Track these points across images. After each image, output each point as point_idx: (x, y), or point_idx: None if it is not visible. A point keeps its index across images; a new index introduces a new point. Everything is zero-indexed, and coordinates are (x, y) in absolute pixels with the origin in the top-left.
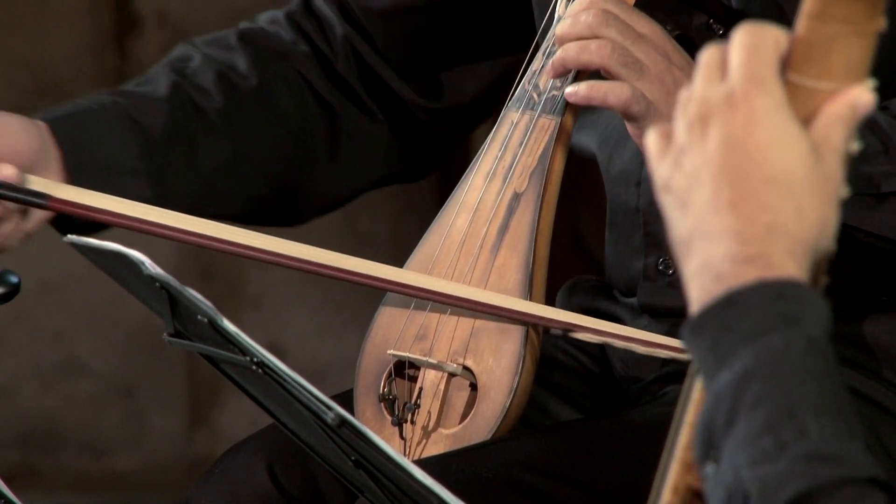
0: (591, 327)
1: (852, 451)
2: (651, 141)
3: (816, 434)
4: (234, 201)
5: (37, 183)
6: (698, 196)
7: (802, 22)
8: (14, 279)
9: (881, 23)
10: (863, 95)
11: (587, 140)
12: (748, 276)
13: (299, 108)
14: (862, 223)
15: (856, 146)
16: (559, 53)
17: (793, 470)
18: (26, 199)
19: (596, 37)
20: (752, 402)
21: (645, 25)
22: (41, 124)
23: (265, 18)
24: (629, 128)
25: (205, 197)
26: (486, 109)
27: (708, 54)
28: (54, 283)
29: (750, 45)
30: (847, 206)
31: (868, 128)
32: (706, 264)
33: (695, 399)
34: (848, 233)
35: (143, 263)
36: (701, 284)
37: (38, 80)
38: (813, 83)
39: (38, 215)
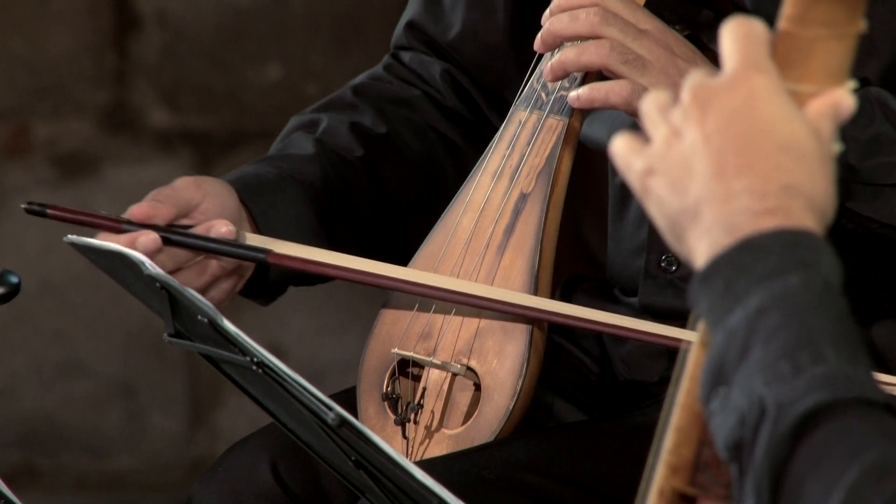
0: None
1: (869, 379)
2: (619, 141)
3: (834, 360)
4: (386, 246)
5: (256, 239)
6: (700, 165)
7: (782, 25)
8: (14, 279)
9: (861, 25)
10: (845, 98)
11: (599, 132)
12: (766, 225)
13: (426, 149)
14: (875, 212)
15: (836, 147)
16: (558, 56)
17: (812, 386)
18: (247, 255)
19: (596, 36)
20: (768, 334)
21: (646, 20)
22: (230, 186)
23: (365, 76)
24: (640, 124)
25: (367, 244)
26: None
27: (694, 72)
28: (54, 283)
29: (741, 34)
30: (861, 196)
31: (884, 115)
32: (717, 223)
33: (680, 403)
34: (861, 223)
35: (143, 263)
36: (711, 240)
37: (38, 80)
38: (793, 86)
39: (246, 276)
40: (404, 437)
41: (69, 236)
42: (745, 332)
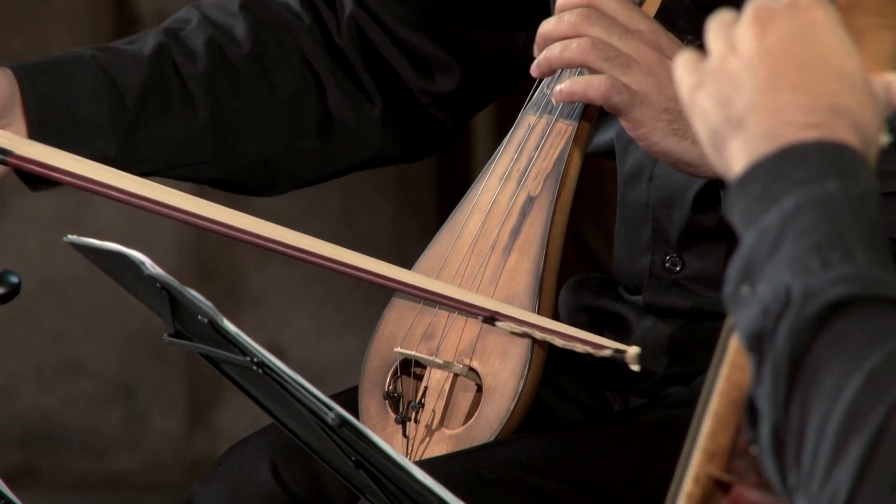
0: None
1: None
2: (681, 58)
3: (864, 260)
4: (207, 167)
5: (2, 137)
6: (751, 80)
7: None
8: (14, 279)
9: None
10: None
11: (608, 135)
12: (808, 136)
13: (294, 81)
14: None
15: (885, 139)
16: (543, 53)
17: (839, 279)
18: None
19: (579, 35)
20: (800, 231)
21: (640, 21)
22: (8, 70)
23: None
24: (622, 122)
25: (173, 160)
26: (485, 99)
27: None
28: (54, 283)
29: None
30: None
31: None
32: (761, 133)
33: (718, 389)
34: None
35: (143, 263)
36: (752, 148)
37: None
38: None
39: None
40: (405, 435)
41: (69, 236)
42: (778, 230)
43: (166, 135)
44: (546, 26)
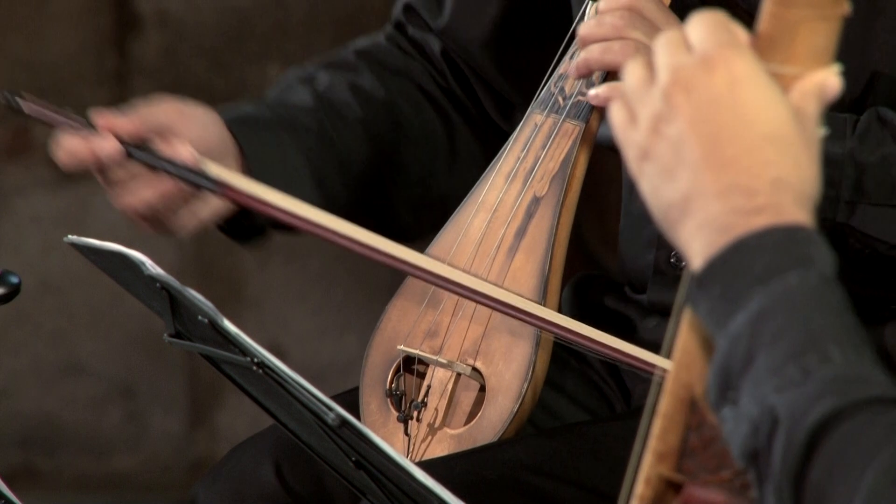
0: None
1: (877, 375)
2: (616, 114)
3: (840, 360)
4: (372, 212)
5: (216, 170)
6: (687, 158)
7: (767, 7)
8: (14, 279)
9: (846, 7)
10: (831, 79)
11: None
12: (758, 224)
13: (420, 120)
14: (883, 234)
15: (821, 131)
16: (583, 54)
17: (822, 391)
18: (200, 182)
19: (621, 38)
20: (771, 337)
21: (673, 25)
22: (217, 117)
23: (367, 42)
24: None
25: (353, 206)
26: None
27: (668, 33)
28: (54, 284)
29: (711, 22)
30: (869, 216)
31: (892, 137)
32: (709, 221)
33: (666, 389)
34: (868, 244)
35: (143, 264)
36: (705, 240)
37: (38, 80)
38: (777, 68)
39: (213, 206)
40: (406, 434)
41: (70, 237)
42: (749, 336)
43: (346, 179)
44: (586, 29)
